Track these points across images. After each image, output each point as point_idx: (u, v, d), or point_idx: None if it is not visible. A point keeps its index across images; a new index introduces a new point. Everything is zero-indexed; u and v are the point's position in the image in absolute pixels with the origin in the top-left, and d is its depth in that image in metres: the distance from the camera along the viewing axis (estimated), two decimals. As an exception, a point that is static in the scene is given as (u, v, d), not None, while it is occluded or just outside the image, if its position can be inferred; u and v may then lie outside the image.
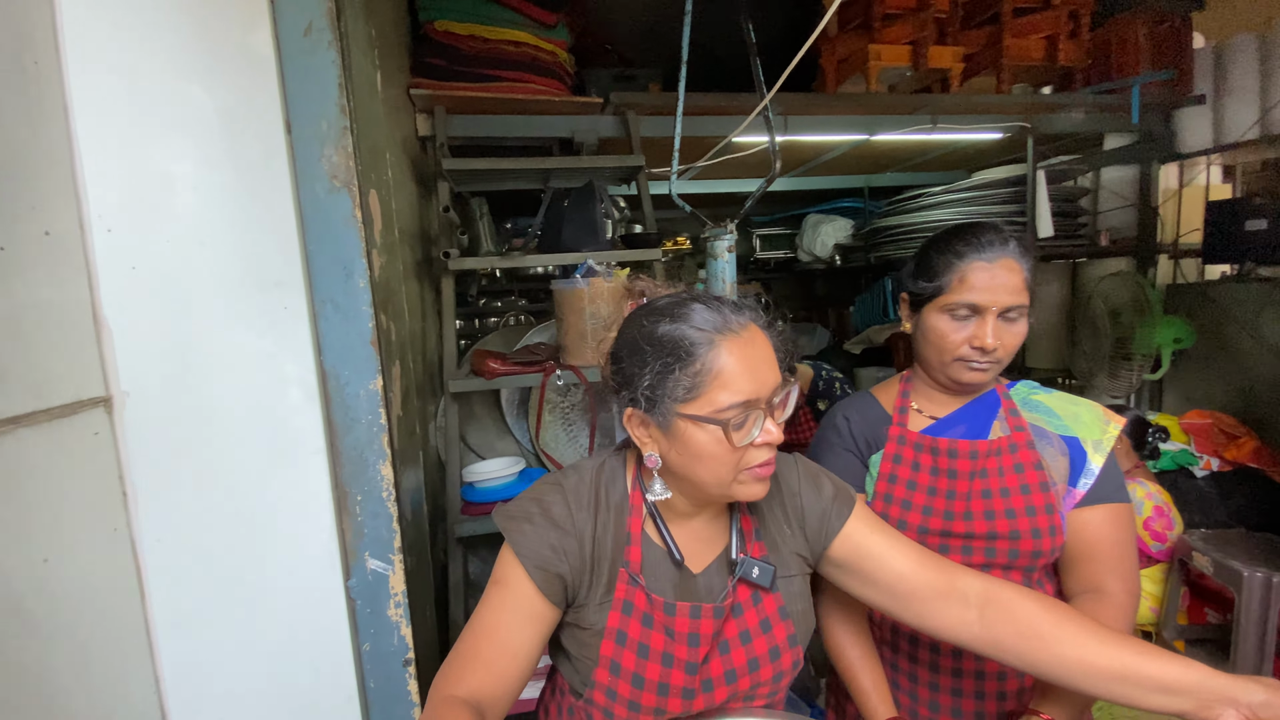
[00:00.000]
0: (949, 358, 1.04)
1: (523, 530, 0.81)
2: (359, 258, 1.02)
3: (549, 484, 0.87)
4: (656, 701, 0.80)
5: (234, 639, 1.06)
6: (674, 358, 0.76)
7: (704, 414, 0.75)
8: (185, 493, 1.02)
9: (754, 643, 0.84)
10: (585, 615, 0.82)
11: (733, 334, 0.76)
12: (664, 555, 0.85)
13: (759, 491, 0.80)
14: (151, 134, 0.95)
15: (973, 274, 1.01)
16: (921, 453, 1.08)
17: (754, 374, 0.75)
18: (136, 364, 0.98)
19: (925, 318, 1.06)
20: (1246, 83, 2.76)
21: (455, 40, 2.42)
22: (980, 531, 1.02)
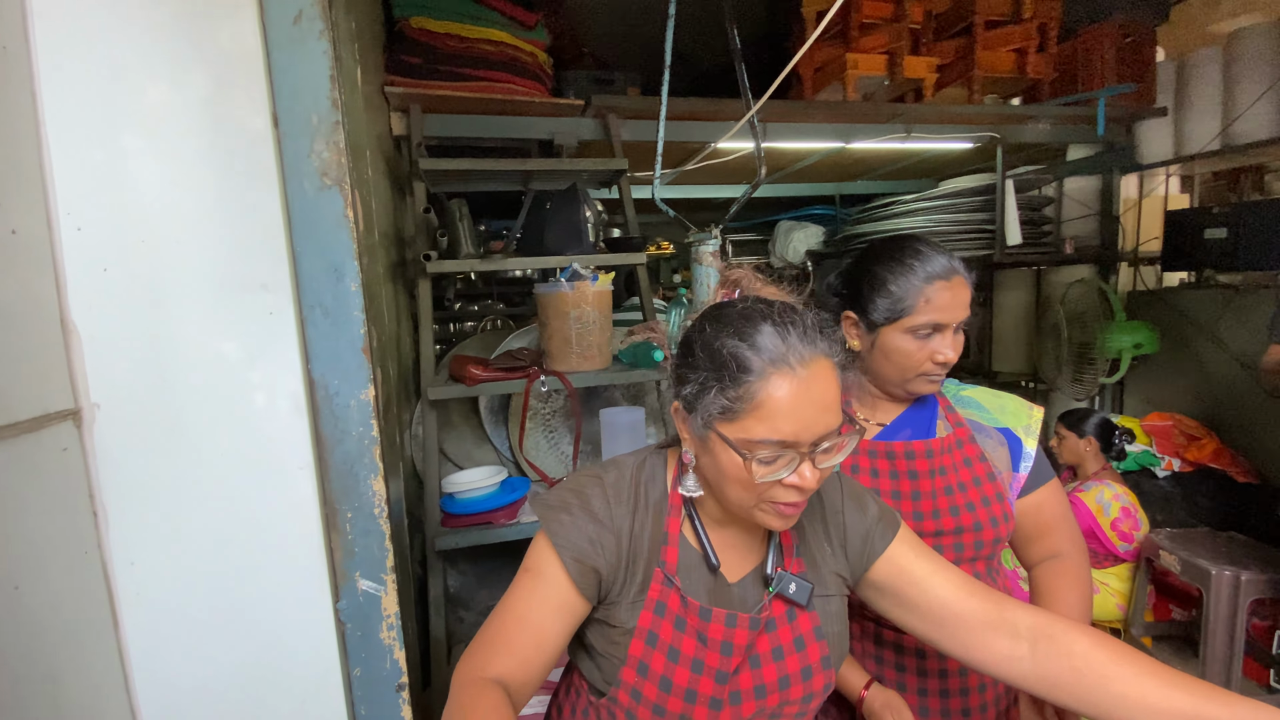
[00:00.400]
0: (912, 374, 1.06)
1: (560, 520, 0.80)
2: (350, 259, 0.96)
3: (589, 476, 0.85)
4: (683, 708, 0.77)
5: (214, 667, 0.99)
6: (722, 375, 0.72)
7: (733, 438, 0.72)
8: (161, 513, 0.95)
9: (787, 660, 0.81)
10: (616, 613, 0.80)
11: (789, 369, 0.71)
12: (700, 560, 0.83)
13: (779, 525, 0.77)
14: (127, 125, 0.88)
15: (937, 295, 1.02)
16: (877, 459, 1.09)
17: (799, 416, 0.70)
18: (108, 374, 0.91)
19: (886, 339, 1.06)
20: (1206, 96, 2.89)
21: (432, 38, 2.36)
22: (948, 528, 1.04)
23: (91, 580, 0.90)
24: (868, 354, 1.09)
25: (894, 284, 1.04)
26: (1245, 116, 2.84)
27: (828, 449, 0.73)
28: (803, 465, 0.72)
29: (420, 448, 2.06)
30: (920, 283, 1.03)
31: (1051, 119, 2.93)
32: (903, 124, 2.78)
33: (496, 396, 2.33)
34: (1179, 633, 2.80)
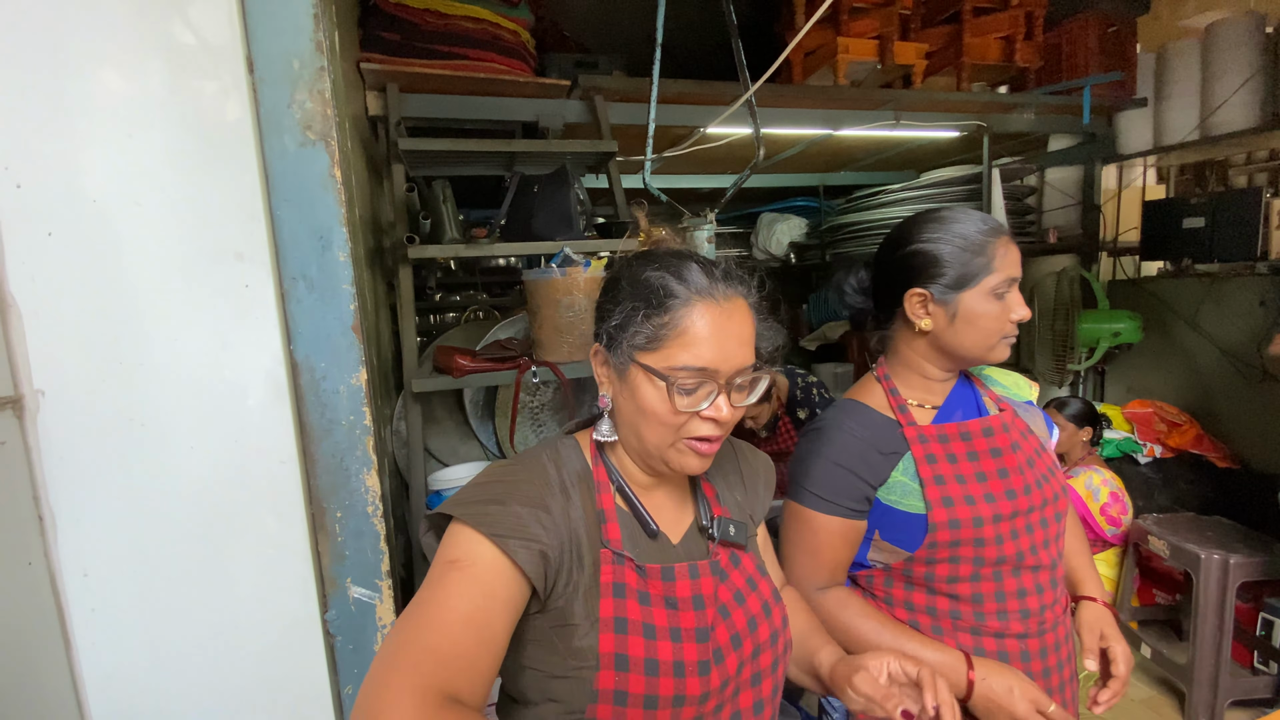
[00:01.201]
0: (996, 339, 1.03)
1: (489, 512, 0.71)
2: (338, 225, 0.85)
3: (502, 470, 0.78)
4: (675, 687, 0.71)
5: (183, 693, 0.87)
6: (647, 303, 0.74)
7: (657, 367, 0.73)
8: (119, 516, 0.82)
9: (748, 601, 0.82)
10: (573, 611, 0.72)
11: (713, 300, 0.74)
12: (639, 531, 0.81)
13: (695, 465, 0.77)
14: (77, 67, 0.76)
15: (1007, 251, 1.02)
16: (951, 443, 1.06)
17: (720, 345, 0.73)
18: (54, 355, 0.79)
19: (970, 304, 1.02)
20: (1185, 87, 2.91)
21: (410, 14, 2.24)
22: (1036, 503, 1.03)
23: (37, 595, 0.78)
24: (945, 329, 1.05)
25: (965, 245, 1.01)
26: (1223, 108, 2.87)
27: (743, 385, 0.76)
28: (720, 397, 0.74)
29: (403, 444, 1.94)
30: (991, 237, 1.01)
31: (1037, 107, 2.92)
32: (892, 110, 2.74)
33: (481, 390, 2.22)
34: (1164, 616, 2.83)
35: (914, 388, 1.12)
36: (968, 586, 1.03)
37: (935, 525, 1.00)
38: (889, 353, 1.15)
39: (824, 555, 1.06)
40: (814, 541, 1.06)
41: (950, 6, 2.79)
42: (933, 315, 1.05)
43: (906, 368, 1.12)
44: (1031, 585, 1.04)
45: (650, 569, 0.76)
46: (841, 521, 1.05)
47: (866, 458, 1.05)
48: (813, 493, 1.06)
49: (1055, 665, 1.06)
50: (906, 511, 1.03)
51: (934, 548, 1.01)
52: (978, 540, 1.00)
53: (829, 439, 1.08)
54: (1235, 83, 2.82)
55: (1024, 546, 1.02)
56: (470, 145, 2.01)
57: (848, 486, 1.05)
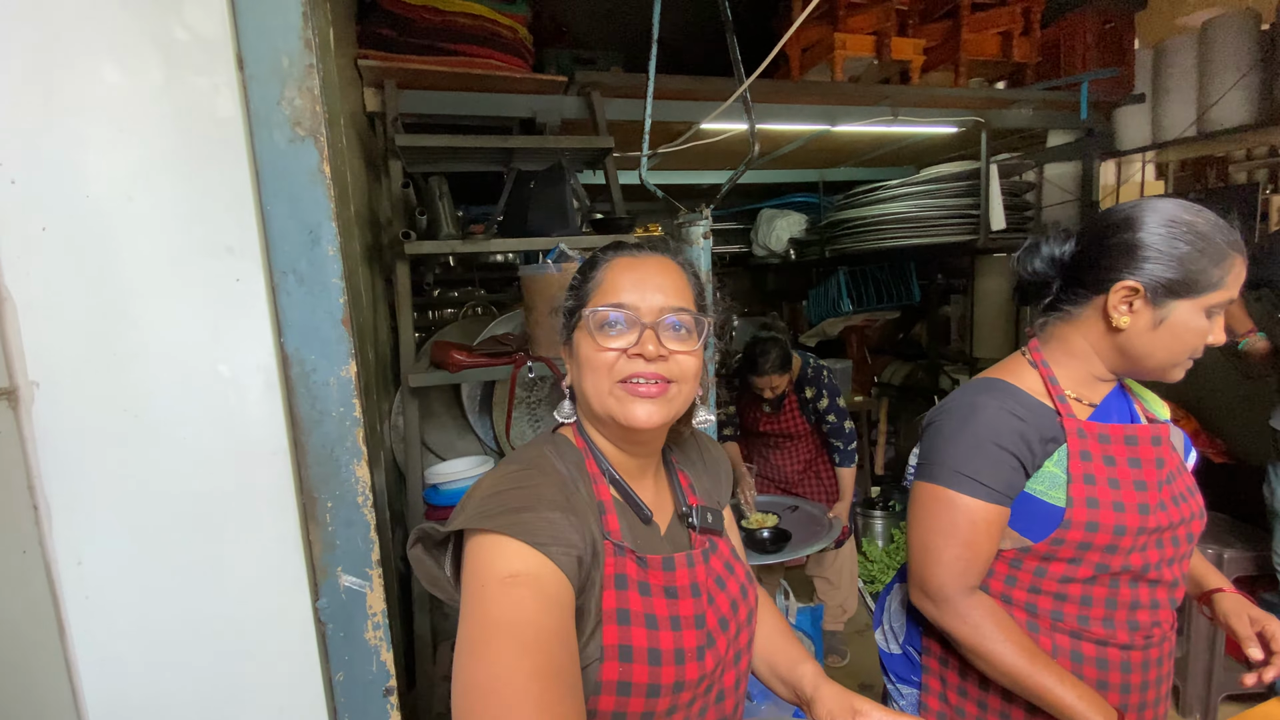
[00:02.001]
0: (1184, 358, 0.96)
1: (524, 520, 0.68)
2: (327, 220, 0.87)
3: (514, 473, 0.76)
4: (676, 674, 0.72)
5: (176, 678, 0.88)
6: (581, 278, 0.83)
7: (584, 316, 0.78)
8: (113, 505, 0.84)
9: (728, 584, 0.85)
10: (588, 608, 0.71)
11: (628, 254, 0.82)
12: (635, 519, 0.82)
13: (640, 414, 0.75)
14: (70, 63, 0.77)
15: (1241, 270, 0.91)
16: (1111, 445, 0.97)
17: (638, 288, 0.78)
18: (49, 348, 0.80)
19: (1183, 314, 0.92)
20: (1182, 83, 2.91)
21: (407, 9, 2.25)
22: (1175, 519, 0.97)
23: (32, 583, 0.79)
24: (1142, 332, 0.94)
25: (1208, 252, 0.90)
26: (1219, 104, 2.87)
27: (681, 325, 0.77)
28: (645, 335, 0.75)
29: (401, 438, 1.96)
30: (1233, 252, 0.91)
31: (1035, 103, 2.92)
32: (890, 106, 2.74)
33: (479, 384, 2.23)
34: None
35: (1073, 381, 1.02)
36: (1079, 588, 0.97)
37: (1071, 523, 0.94)
38: (1052, 338, 1.04)
39: (982, 548, 0.96)
40: (970, 532, 0.95)
41: (948, 2, 2.79)
42: (1136, 314, 0.94)
43: (1073, 358, 1.01)
44: (1147, 599, 0.98)
45: (651, 559, 0.77)
46: (999, 510, 0.96)
47: (1028, 440, 0.95)
48: (966, 475, 0.95)
49: (1154, 680, 1.01)
50: (1046, 501, 0.96)
51: (1059, 544, 0.95)
52: (1109, 548, 0.94)
53: (980, 418, 0.97)
54: (1232, 79, 2.81)
55: (1151, 560, 0.97)
56: (467, 141, 2.02)
57: (1007, 470, 0.95)
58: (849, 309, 4.14)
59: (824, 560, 2.82)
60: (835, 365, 4.22)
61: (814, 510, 2.62)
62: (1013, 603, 1.01)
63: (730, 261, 4.99)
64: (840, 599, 2.87)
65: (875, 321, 4.53)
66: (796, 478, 2.85)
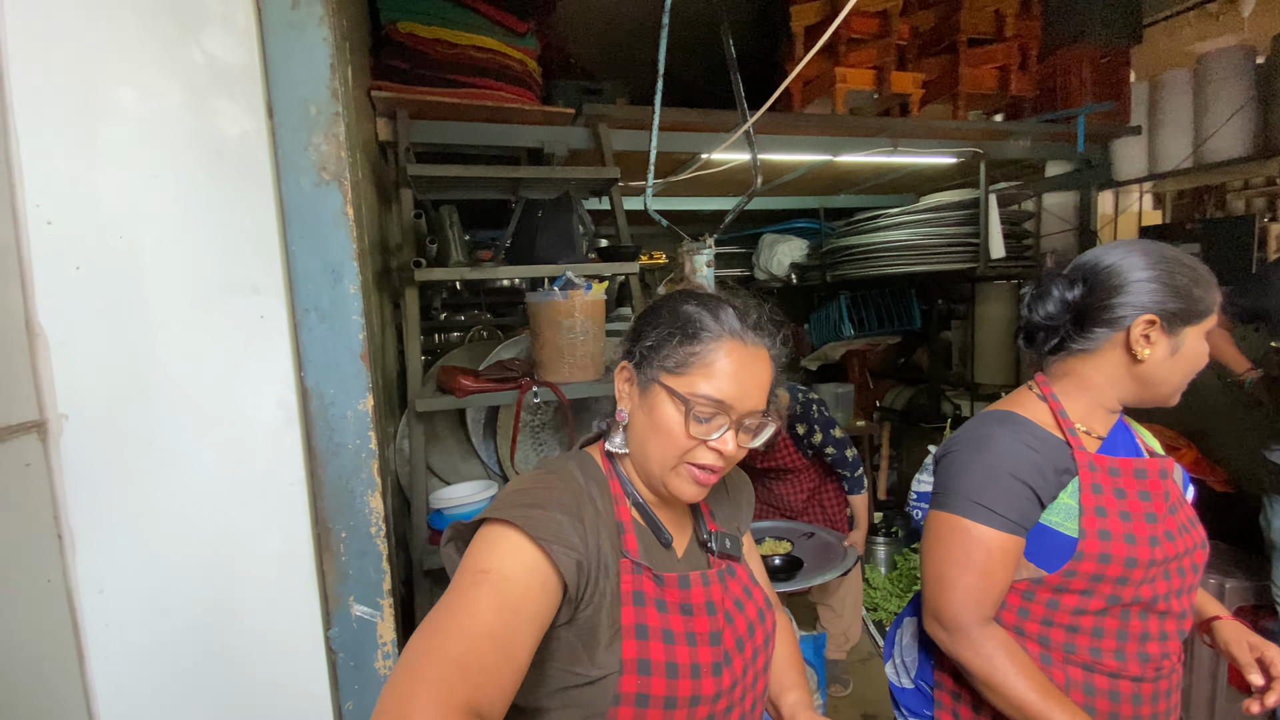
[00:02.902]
0: (1186, 381, 1.01)
1: (532, 515, 0.73)
2: (349, 260, 0.90)
3: (540, 476, 0.82)
4: (692, 689, 0.75)
5: (190, 705, 0.90)
6: (683, 331, 0.80)
7: (680, 390, 0.78)
8: (134, 535, 0.86)
9: (746, 607, 0.87)
10: (599, 621, 0.75)
11: (740, 342, 0.80)
12: (654, 541, 0.85)
13: (690, 493, 0.81)
14: (106, 110, 0.81)
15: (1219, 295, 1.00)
16: (1120, 478, 1.00)
17: (739, 384, 0.78)
18: (78, 382, 0.83)
19: (1192, 341, 0.99)
20: (1178, 115, 2.96)
21: (419, 43, 2.31)
22: (1180, 550, 0.99)
23: (55, 610, 0.82)
24: (1162, 361, 0.99)
25: (1201, 282, 0.98)
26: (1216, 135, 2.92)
27: (751, 428, 0.81)
28: (729, 432, 0.78)
29: (406, 462, 1.98)
30: (1213, 279, 0.99)
31: (1032, 135, 2.97)
32: (889, 138, 2.79)
33: (484, 409, 2.25)
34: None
35: (1082, 414, 1.04)
36: (1091, 620, 0.98)
37: (1083, 554, 0.95)
38: (1064, 375, 1.07)
39: (997, 579, 0.97)
40: (986, 561, 0.96)
41: (946, 38, 2.86)
42: (1155, 345, 0.98)
43: (1084, 391, 1.04)
44: (1156, 630, 0.99)
45: (667, 577, 0.80)
46: (1015, 540, 0.97)
47: (1043, 471, 0.97)
48: (985, 506, 0.97)
49: (1164, 712, 1.02)
50: (1060, 532, 0.98)
51: (1071, 576, 0.96)
52: (1121, 579, 0.96)
53: (995, 448, 0.99)
54: (1227, 112, 2.87)
55: (1160, 591, 0.98)
56: (477, 171, 2.07)
57: (1022, 500, 0.97)
58: (850, 333, 4.17)
59: (828, 587, 2.80)
60: (838, 390, 4.24)
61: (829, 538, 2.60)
62: (1025, 635, 1.01)
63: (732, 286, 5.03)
64: (844, 627, 2.85)
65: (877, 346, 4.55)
66: (801, 507, 2.84)
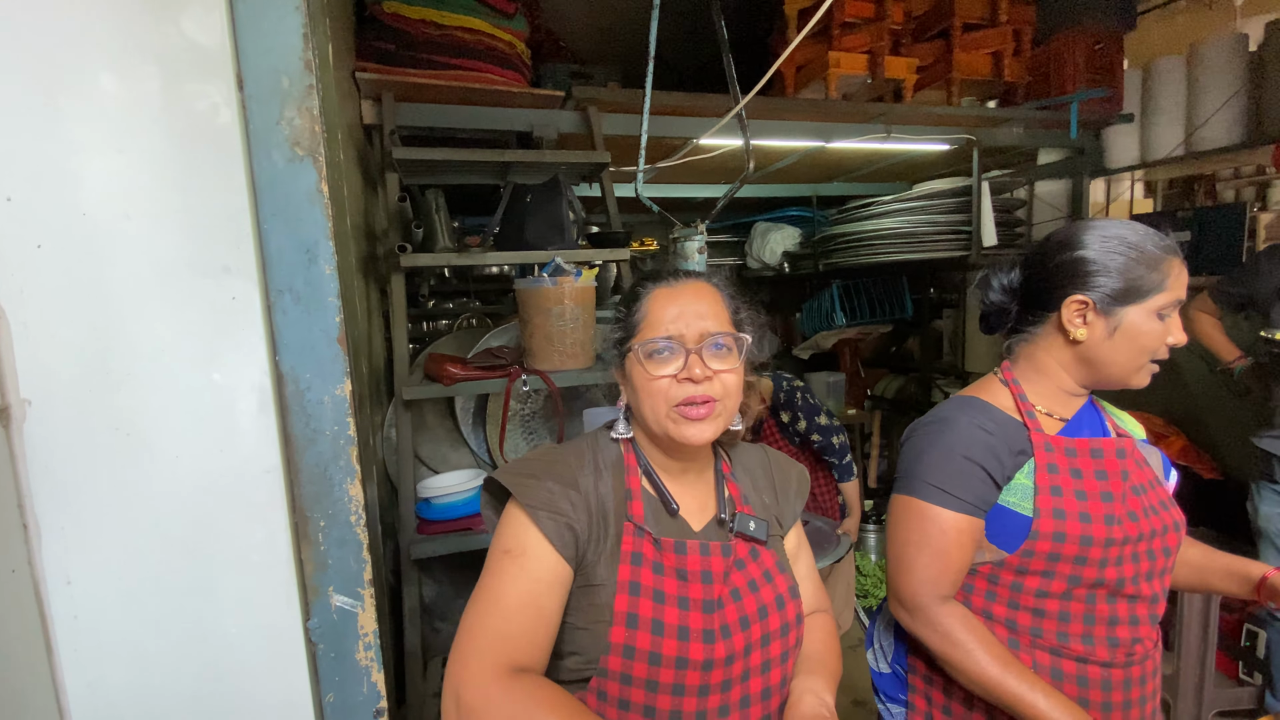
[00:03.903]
0: (1146, 360, 1.00)
1: (528, 484, 0.83)
2: (324, 239, 0.87)
3: (546, 450, 0.91)
4: (678, 649, 0.79)
5: (165, 698, 0.88)
6: (627, 307, 0.90)
7: (639, 348, 0.86)
8: (103, 524, 0.83)
9: (761, 590, 0.88)
10: (596, 572, 0.83)
11: (668, 286, 0.88)
12: (662, 510, 0.89)
13: (693, 434, 0.84)
14: (68, 80, 0.78)
15: (1179, 272, 0.98)
16: (1078, 458, 1.01)
17: (679, 316, 0.85)
18: (42, 365, 0.80)
19: (1133, 319, 0.98)
20: (1171, 104, 2.95)
21: (405, 24, 2.26)
22: (1145, 531, 0.99)
23: (20, 602, 0.79)
24: (1100, 342, 1.00)
25: (1141, 259, 0.97)
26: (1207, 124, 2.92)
27: (721, 346, 0.85)
28: (691, 359, 0.83)
29: (394, 451, 1.95)
30: (1168, 255, 0.98)
31: (1026, 122, 2.96)
32: (883, 124, 2.77)
33: (473, 397, 2.23)
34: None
35: (1044, 397, 1.06)
36: (1056, 604, 0.99)
37: (1038, 534, 0.97)
38: (1021, 358, 1.09)
39: (953, 558, 1.00)
40: (942, 541, 0.99)
41: (940, 23, 2.83)
42: (1090, 326, 1.00)
43: (1041, 375, 1.07)
44: (1125, 614, 1.00)
45: (665, 541, 0.85)
46: (970, 520, 0.99)
47: (997, 453, 1.00)
48: (937, 487, 1.00)
49: (1138, 699, 1.01)
50: (1016, 512, 1.00)
51: (1030, 556, 0.98)
52: (1079, 559, 0.96)
53: (953, 432, 1.02)
54: (1219, 100, 2.86)
55: (1127, 574, 0.98)
56: (464, 155, 2.03)
57: (976, 482, 0.99)
58: (842, 322, 4.16)
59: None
60: (829, 378, 4.23)
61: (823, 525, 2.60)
62: (994, 618, 1.03)
63: (725, 274, 5.01)
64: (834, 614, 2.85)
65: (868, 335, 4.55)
66: None
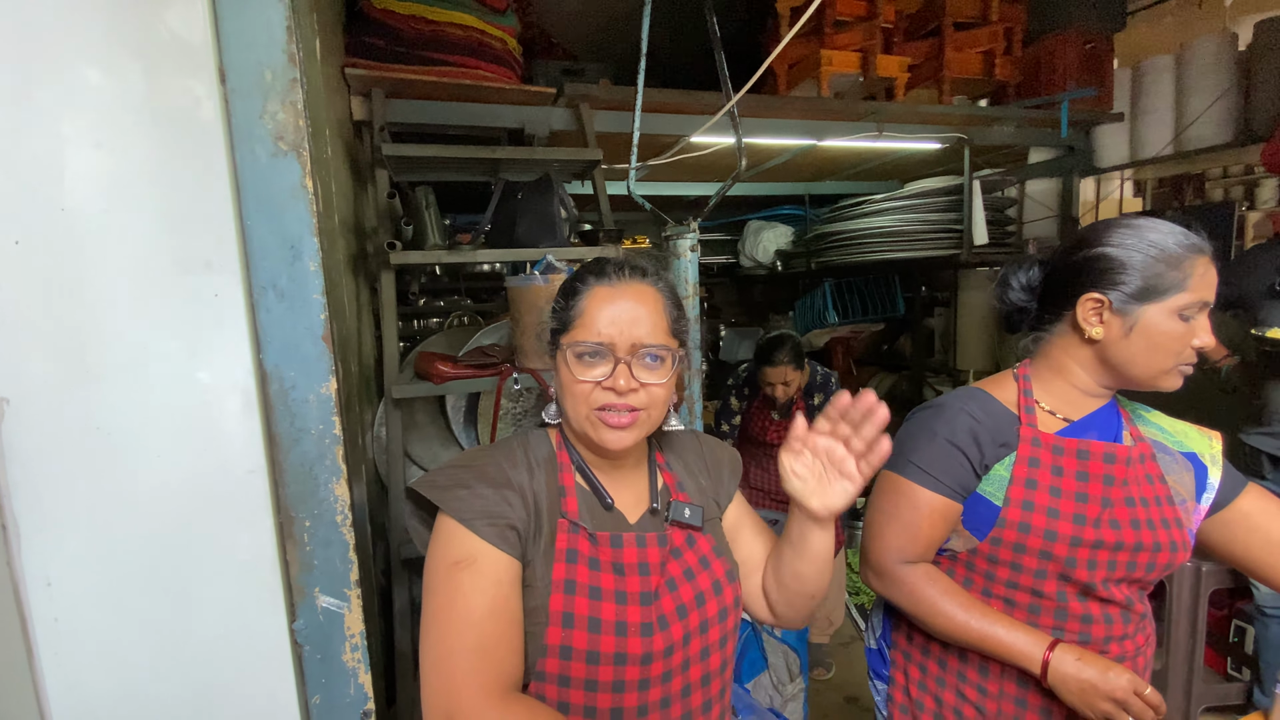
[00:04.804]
0: (1171, 363, 0.95)
1: (458, 496, 0.79)
2: (309, 235, 0.86)
3: (472, 453, 0.87)
4: (616, 645, 0.78)
5: (147, 702, 0.86)
6: (563, 299, 0.86)
7: (566, 347, 0.82)
8: (84, 525, 0.82)
9: (698, 578, 0.86)
10: (533, 571, 0.81)
11: (608, 285, 0.83)
12: (597, 505, 0.87)
13: (611, 439, 0.81)
14: (46, 73, 0.76)
15: (1206, 271, 0.93)
16: (1063, 456, 1.00)
17: (613, 321, 0.81)
18: (19, 364, 0.78)
19: (1152, 319, 0.94)
20: (1160, 103, 2.97)
21: (395, 20, 2.24)
22: (1128, 542, 0.97)
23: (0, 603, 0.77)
24: (1116, 341, 0.97)
25: (1160, 257, 0.93)
26: (1196, 123, 2.94)
27: (656, 357, 0.82)
28: (619, 370, 0.79)
29: (384, 450, 1.94)
30: (1192, 253, 0.93)
31: (1017, 121, 2.97)
32: (875, 122, 2.77)
33: (464, 396, 2.21)
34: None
35: (1054, 395, 1.05)
36: (1026, 596, 1.00)
37: (1005, 522, 0.98)
38: (1039, 355, 1.08)
39: (922, 532, 1.02)
40: (913, 516, 1.02)
41: (931, 21, 2.84)
42: (1106, 324, 0.97)
43: (1056, 374, 1.05)
44: (1099, 614, 0.99)
45: (600, 536, 0.83)
46: (945, 501, 1.02)
47: (980, 440, 1.01)
48: (918, 466, 1.02)
49: None
50: (989, 500, 1.01)
51: (998, 544, 0.99)
52: (1044, 554, 0.97)
53: (944, 417, 1.04)
54: (1208, 100, 2.88)
55: (1097, 579, 0.97)
56: (455, 151, 2.01)
57: (955, 465, 1.01)
58: (835, 320, 4.17)
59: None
60: (821, 377, 4.24)
61: None
62: None
63: (718, 272, 5.01)
64: (826, 610, 2.86)
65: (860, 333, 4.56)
66: None
